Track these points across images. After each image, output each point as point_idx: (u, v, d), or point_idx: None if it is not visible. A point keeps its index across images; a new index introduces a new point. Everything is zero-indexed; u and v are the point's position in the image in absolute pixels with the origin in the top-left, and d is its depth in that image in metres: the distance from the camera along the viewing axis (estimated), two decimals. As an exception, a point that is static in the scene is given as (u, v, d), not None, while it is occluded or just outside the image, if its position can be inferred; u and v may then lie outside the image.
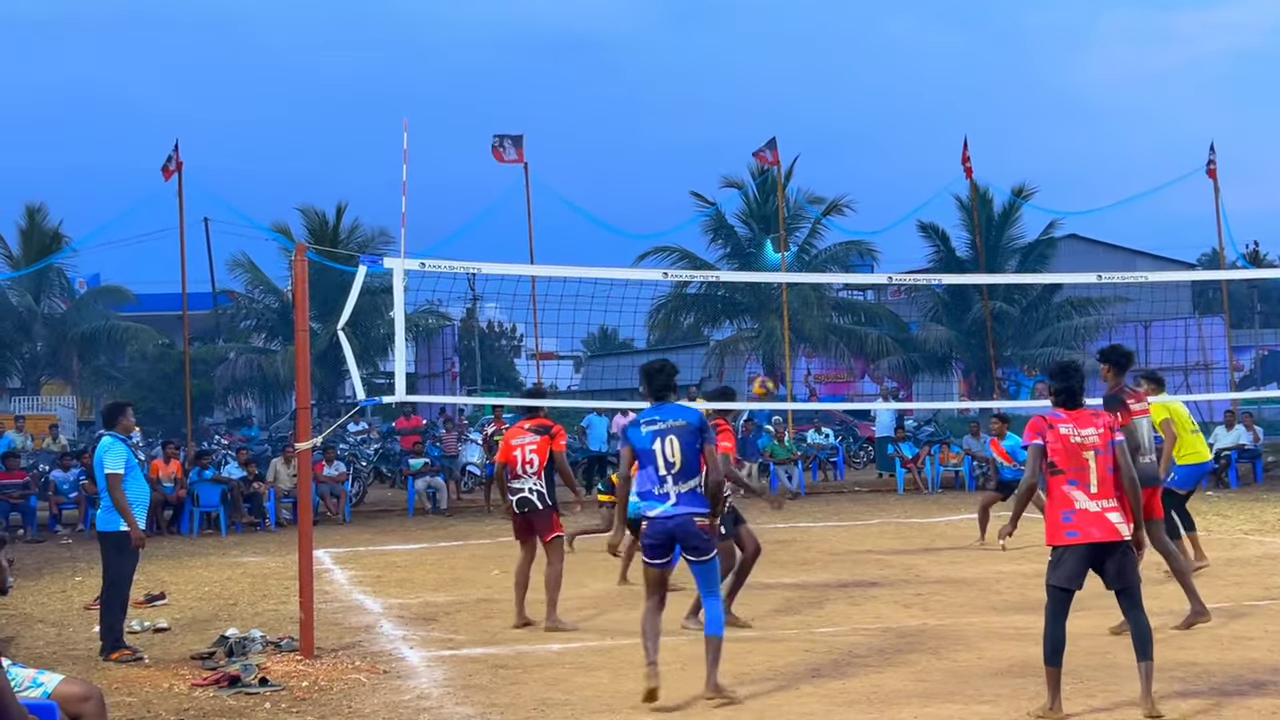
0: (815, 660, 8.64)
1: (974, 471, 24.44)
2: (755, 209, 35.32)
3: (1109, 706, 7.17)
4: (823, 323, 35.23)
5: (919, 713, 7.11)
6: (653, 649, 7.49)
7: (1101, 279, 12.43)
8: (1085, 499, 7.09)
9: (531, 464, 10.59)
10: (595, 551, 15.59)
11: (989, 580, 12.25)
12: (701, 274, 27.95)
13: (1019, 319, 36.35)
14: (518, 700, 7.72)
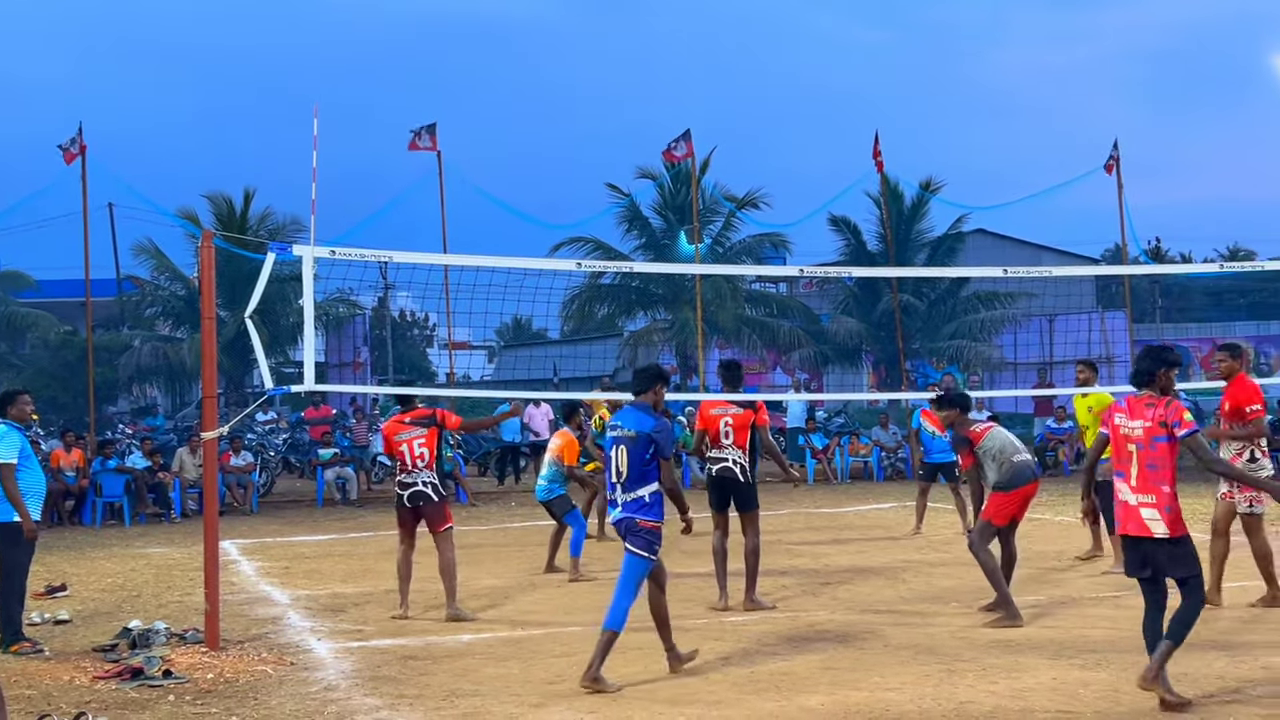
0: (724, 649, 8.70)
1: (882, 462, 24.76)
2: (670, 200, 35.35)
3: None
4: (736, 314, 35.37)
5: (826, 699, 7.19)
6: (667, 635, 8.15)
7: (1007, 273, 12.65)
8: (1127, 491, 7.10)
9: (422, 458, 10.54)
10: (507, 544, 15.60)
11: (896, 569, 12.43)
12: (615, 265, 27.94)
13: (927, 312, 36.80)
14: (426, 691, 7.68)
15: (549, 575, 12.54)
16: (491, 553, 14.62)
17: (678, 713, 6.96)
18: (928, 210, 37.00)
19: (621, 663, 8.31)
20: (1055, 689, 7.30)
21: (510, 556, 14.19)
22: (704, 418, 10.70)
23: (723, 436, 10.49)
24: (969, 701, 7.05)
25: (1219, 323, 50.09)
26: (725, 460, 10.49)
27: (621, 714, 7.01)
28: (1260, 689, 7.18)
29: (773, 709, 7.02)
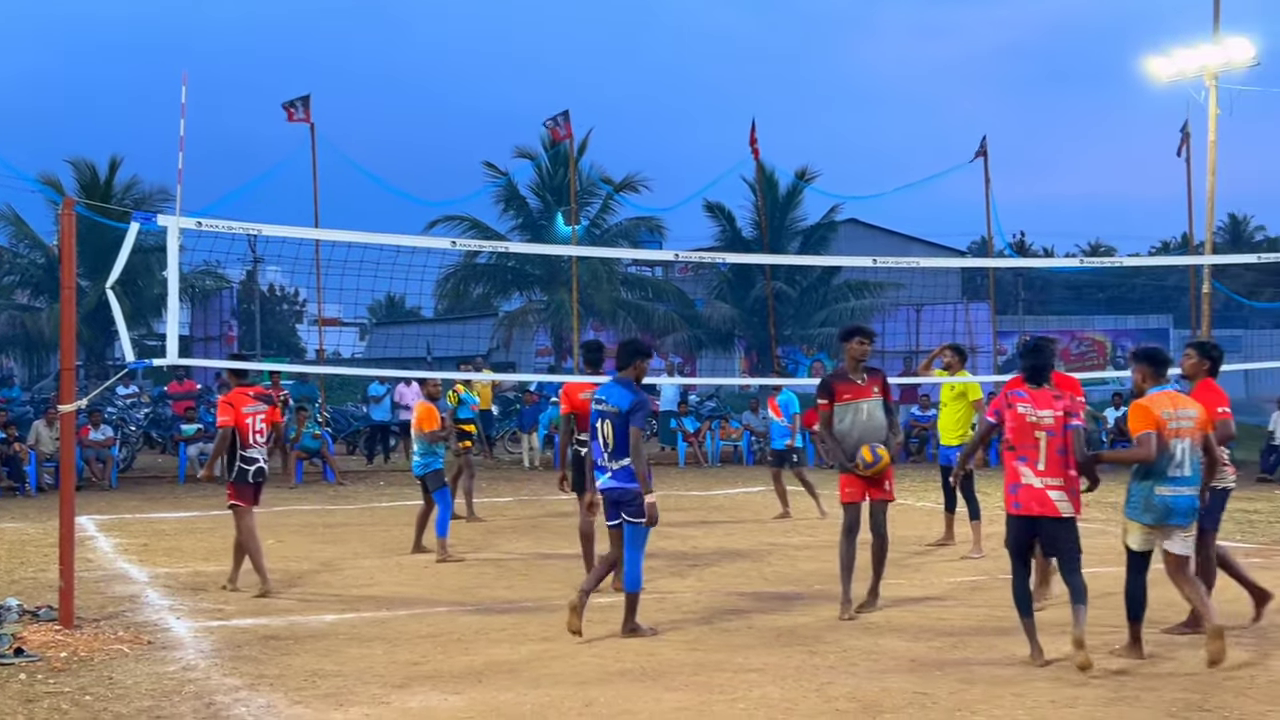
0: (591, 630, 8.70)
1: (752, 446, 25.05)
2: (548, 181, 35.26)
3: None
4: (612, 297, 35.45)
5: (690, 680, 7.26)
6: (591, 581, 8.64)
7: (876, 263, 12.88)
8: (1032, 475, 7.56)
9: (262, 433, 10.55)
10: (374, 524, 15.44)
11: (761, 552, 12.60)
12: (491, 244, 27.73)
13: (799, 300, 37.30)
14: (288, 671, 7.58)
15: (416, 556, 12.44)
16: (358, 532, 14.47)
17: (542, 694, 6.97)
18: (802, 199, 37.48)
19: (486, 643, 8.31)
20: (912, 670, 7.48)
21: (377, 536, 14.06)
22: (571, 400, 10.65)
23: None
24: (829, 682, 7.19)
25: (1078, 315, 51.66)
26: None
27: (485, 694, 7.00)
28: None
29: (638, 689, 7.07)
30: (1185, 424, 7.68)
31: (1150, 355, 8.02)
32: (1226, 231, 70.83)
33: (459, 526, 14.25)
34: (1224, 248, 56.35)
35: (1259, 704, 6.67)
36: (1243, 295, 44.88)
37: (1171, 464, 7.61)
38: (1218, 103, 17.84)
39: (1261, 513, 15.71)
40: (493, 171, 34.80)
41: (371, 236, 11.04)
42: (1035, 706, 6.64)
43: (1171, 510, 7.62)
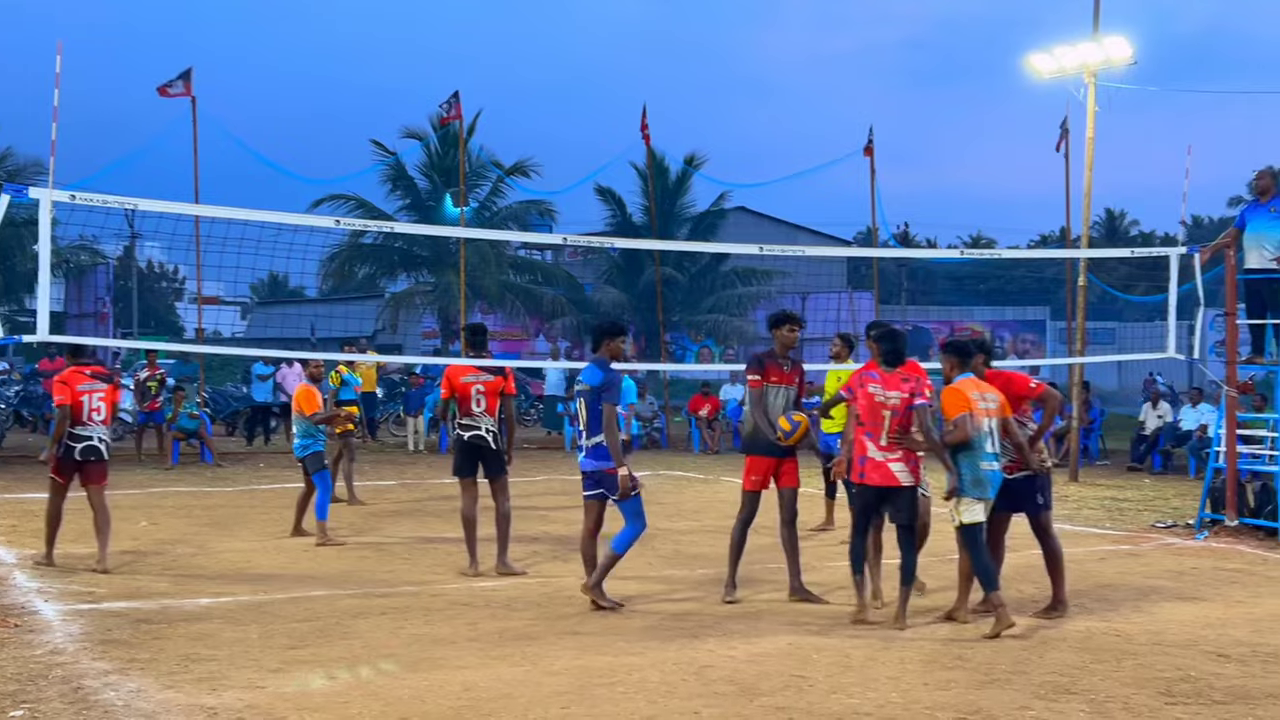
0: (473, 614, 8.70)
1: (638, 432, 25.11)
2: (437, 162, 34.93)
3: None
4: (500, 280, 35.27)
5: (571, 664, 7.26)
6: (591, 567, 9.05)
7: (764, 250, 12.97)
8: (874, 449, 8.32)
9: (99, 411, 10.48)
10: (253, 506, 15.17)
11: (646, 536, 12.57)
12: (376, 224, 27.40)
13: (688, 286, 37.52)
14: (160, 655, 7.42)
15: (296, 539, 12.26)
16: (236, 515, 14.21)
17: (420, 678, 6.92)
18: (691, 185, 37.69)
19: (366, 627, 8.23)
20: (790, 654, 7.57)
21: (256, 519, 13.82)
22: (454, 384, 10.59)
23: (473, 404, 10.48)
24: (708, 666, 7.24)
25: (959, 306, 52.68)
26: (477, 428, 10.49)
27: (363, 679, 6.92)
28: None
29: (518, 674, 7.05)
30: (991, 406, 8.38)
31: (958, 347, 8.66)
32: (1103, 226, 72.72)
33: (340, 510, 14.09)
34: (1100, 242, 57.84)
35: (1125, 687, 6.87)
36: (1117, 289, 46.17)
37: (988, 441, 8.31)
38: (1096, 100, 18.27)
39: (1131, 501, 16.17)
40: (380, 151, 34.39)
41: (252, 213, 10.84)
42: (909, 689, 6.76)
43: (994, 482, 8.33)
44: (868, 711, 6.34)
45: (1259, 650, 7.77)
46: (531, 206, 35.97)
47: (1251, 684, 6.98)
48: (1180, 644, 7.93)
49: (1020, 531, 9.10)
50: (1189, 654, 7.66)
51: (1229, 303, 13.43)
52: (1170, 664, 7.39)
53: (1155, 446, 21.23)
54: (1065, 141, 23.57)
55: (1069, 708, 6.45)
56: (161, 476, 18.41)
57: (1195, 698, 6.68)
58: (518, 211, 35.81)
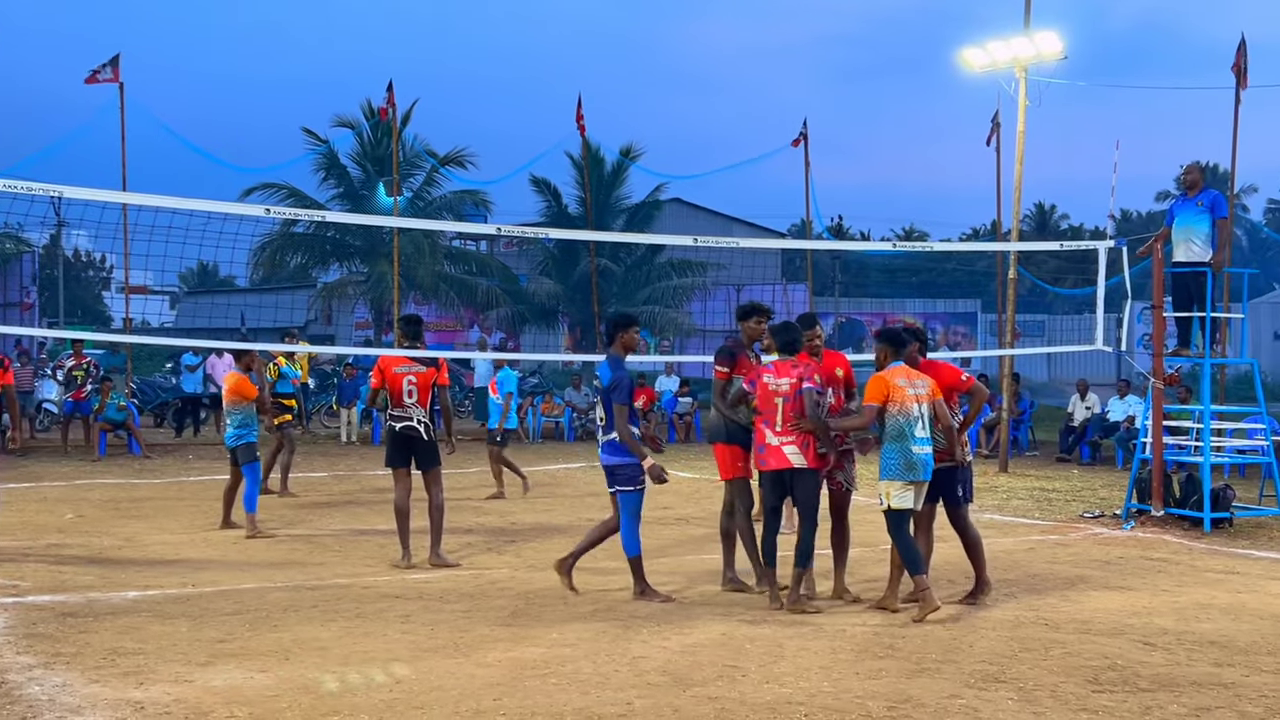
0: (405, 607, 8.63)
1: (574, 423, 25.10)
2: (370, 151, 34.66)
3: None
4: (434, 271, 35.04)
5: (503, 656, 7.23)
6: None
7: (698, 242, 12.99)
8: (771, 435, 8.58)
9: None
10: (182, 498, 14.97)
11: (581, 527, 12.56)
12: (307, 212, 27.05)
13: (624, 277, 37.43)
14: (86, 649, 7.30)
15: (225, 531, 12.11)
16: (164, 507, 14.01)
17: (350, 670, 6.85)
18: (627, 177, 37.59)
19: (296, 620, 8.14)
20: (723, 644, 7.58)
21: (184, 511, 13.64)
22: (386, 375, 10.54)
23: (405, 395, 10.42)
24: (642, 657, 7.23)
25: (892, 299, 53.10)
26: (409, 419, 10.44)
27: (292, 672, 6.84)
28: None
29: (450, 666, 7.00)
30: (921, 391, 8.58)
31: (891, 335, 8.86)
32: (1033, 220, 73.65)
33: (271, 502, 13.96)
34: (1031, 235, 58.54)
35: (1053, 675, 6.95)
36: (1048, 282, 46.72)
37: (919, 425, 8.48)
38: (1027, 94, 18.46)
39: (1059, 491, 16.39)
40: (312, 139, 34.05)
41: (180, 201, 10.68)
42: (840, 678, 6.80)
43: (926, 465, 8.52)
44: (800, 701, 6.37)
45: (1184, 638, 7.90)
46: (466, 196, 35.75)
47: (1176, 671, 7.09)
48: (1107, 632, 8.05)
49: (946, 523, 9.20)
50: (1116, 642, 7.77)
51: (1155, 296, 13.63)
52: (1097, 652, 7.49)
53: (1083, 438, 21.52)
54: (996, 135, 23.83)
55: (998, 696, 6.52)
56: (88, 468, 18.12)
57: (1121, 685, 6.77)
58: (452, 201, 35.58)
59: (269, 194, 32.57)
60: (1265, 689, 6.75)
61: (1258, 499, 14.51)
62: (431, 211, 34.50)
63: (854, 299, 54.03)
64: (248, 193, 31.53)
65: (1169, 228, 13.58)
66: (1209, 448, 12.95)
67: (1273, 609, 8.93)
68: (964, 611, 8.59)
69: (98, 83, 23.03)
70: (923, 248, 30.50)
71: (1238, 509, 13.15)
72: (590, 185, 31.67)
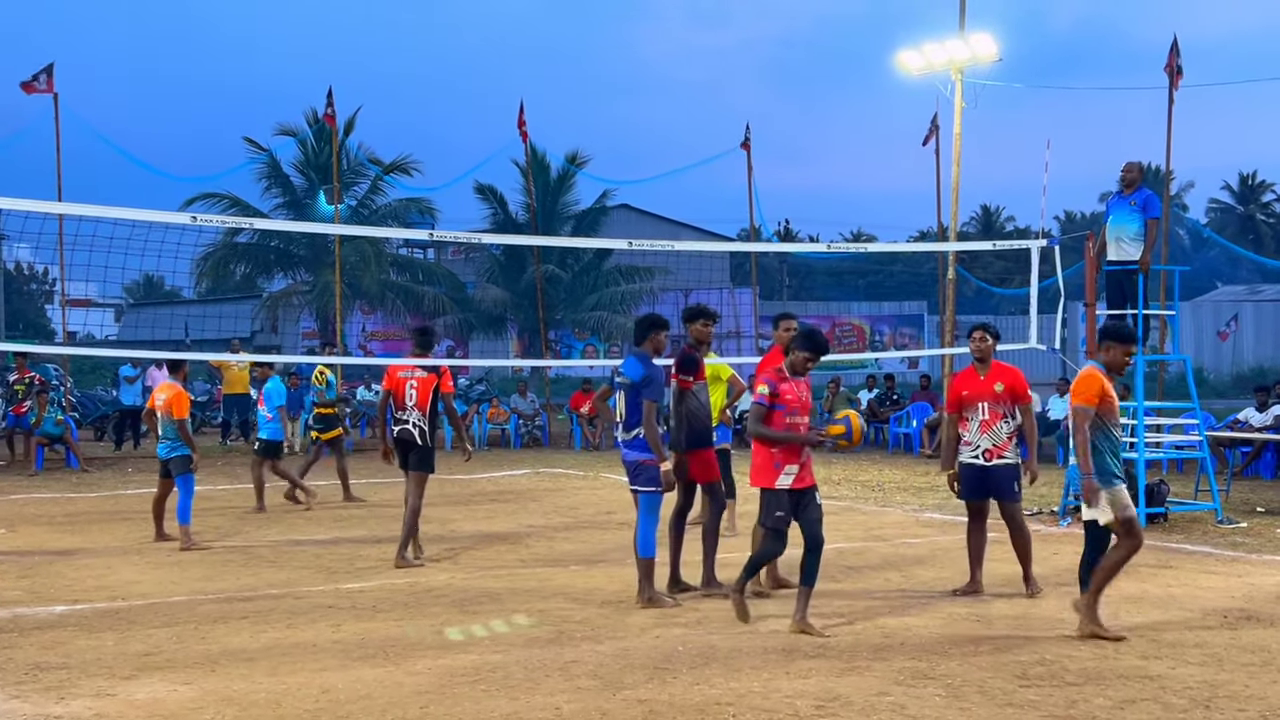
0: (338, 616, 8.55)
1: (520, 430, 25.02)
2: (313, 159, 34.46)
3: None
4: (380, 279, 34.88)
5: (433, 664, 7.18)
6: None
7: (632, 245, 13.01)
8: (807, 450, 8.12)
9: None
10: (118, 511, 14.78)
11: (521, 535, 12.58)
12: (236, 220, 26.78)
13: (571, 283, 37.46)
14: (8, 665, 7.18)
15: (159, 544, 11.97)
16: (100, 521, 13.84)
17: (277, 682, 6.78)
18: (574, 183, 37.62)
19: (225, 632, 8.05)
20: (656, 647, 7.55)
21: (119, 525, 13.46)
22: (390, 379, 10.96)
23: (406, 398, 10.75)
24: (574, 661, 7.20)
25: (839, 301, 53.37)
26: (406, 422, 10.76)
27: (218, 684, 6.76)
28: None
29: (379, 675, 6.95)
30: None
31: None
32: (979, 221, 74.30)
33: (207, 514, 13.81)
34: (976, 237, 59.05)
35: (981, 671, 6.99)
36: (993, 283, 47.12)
37: None
38: (963, 96, 18.63)
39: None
40: (254, 148, 33.83)
41: (107, 210, 10.55)
42: (770, 678, 6.80)
43: None
44: (729, 701, 6.36)
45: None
46: (411, 204, 35.65)
47: (1104, 665, 7.14)
48: (1038, 628, 8.10)
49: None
50: (1046, 638, 7.82)
51: (1088, 294, 13.76)
52: (1027, 648, 7.54)
53: (1025, 437, 21.65)
54: (935, 137, 24.01)
55: (926, 693, 6.54)
56: (25, 483, 17.87)
57: (1049, 680, 6.81)
58: (397, 209, 35.47)
59: (211, 203, 32.32)
60: (1190, 680, 6.81)
61: (1193, 494, 14.66)
62: (377, 219, 34.35)
63: (801, 302, 54.23)
64: (189, 202, 31.27)
65: (1105, 226, 13.73)
66: (1143, 444, 13.08)
67: (1202, 602, 9.03)
68: (900, 610, 8.62)
69: (35, 92, 22.78)
70: (858, 248, 30.80)
71: (1172, 504, 13.31)
72: (536, 192, 31.64)
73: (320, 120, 31.05)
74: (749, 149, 26.38)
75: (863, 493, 16.53)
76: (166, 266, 21.30)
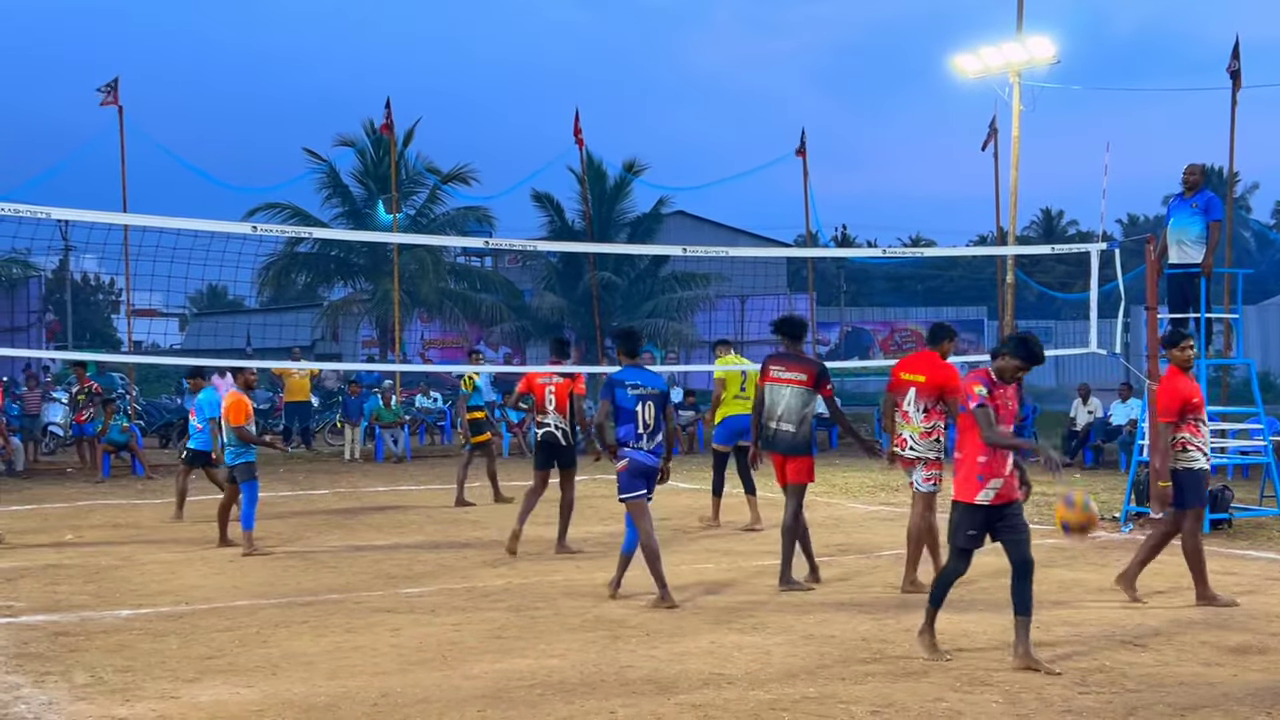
0: (396, 620, 8.63)
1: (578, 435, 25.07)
2: (372, 169, 34.78)
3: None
4: (438, 287, 35.11)
5: (490, 668, 7.23)
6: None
7: (686, 251, 13.03)
8: (1010, 463, 7.65)
9: None
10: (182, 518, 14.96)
11: (578, 540, 12.60)
12: (294, 229, 27.04)
13: (627, 290, 37.50)
14: (75, 668, 7.32)
15: (222, 549, 12.12)
16: (164, 527, 14.04)
17: (337, 685, 6.86)
18: (630, 190, 37.65)
19: (286, 636, 8.16)
20: (711, 652, 7.58)
21: (184, 531, 13.65)
22: (531, 385, 12.07)
23: (546, 403, 11.65)
24: (629, 666, 7.24)
25: (897, 307, 53.03)
26: (549, 425, 11.66)
27: (279, 687, 6.86)
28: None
29: (436, 679, 7.01)
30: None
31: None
32: (1040, 226, 73.57)
33: (268, 519, 13.96)
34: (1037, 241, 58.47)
35: (1040, 678, 6.93)
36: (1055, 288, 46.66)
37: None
38: (1021, 99, 18.49)
39: (1059, 496, 16.30)
40: (314, 158, 34.21)
41: (169, 220, 10.73)
42: (826, 683, 6.79)
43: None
44: (784, 707, 6.36)
45: (1174, 639, 7.88)
46: (469, 213, 35.86)
47: (1164, 672, 7.07)
48: (1098, 635, 8.03)
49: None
50: (1106, 644, 7.75)
51: (1149, 297, 13.60)
52: (1086, 654, 7.48)
53: (1086, 442, 21.45)
54: (994, 141, 23.83)
55: (983, 699, 6.51)
56: (91, 490, 18.16)
57: (1109, 687, 6.75)
58: (455, 218, 35.69)
59: (273, 214, 32.75)
60: (1253, 686, 6.73)
61: (1258, 500, 14.45)
62: (435, 228, 34.59)
63: (860, 308, 53.99)
64: (251, 213, 31.69)
65: (1166, 229, 13.57)
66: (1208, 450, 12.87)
67: (1267, 608, 8.91)
68: (957, 619, 8.57)
69: (105, 104, 23.22)
70: (915, 253, 30.52)
71: (1237, 510, 13.11)
72: (591, 199, 31.73)
73: (378, 131, 31.38)
74: (805, 155, 26.33)
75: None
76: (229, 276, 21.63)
